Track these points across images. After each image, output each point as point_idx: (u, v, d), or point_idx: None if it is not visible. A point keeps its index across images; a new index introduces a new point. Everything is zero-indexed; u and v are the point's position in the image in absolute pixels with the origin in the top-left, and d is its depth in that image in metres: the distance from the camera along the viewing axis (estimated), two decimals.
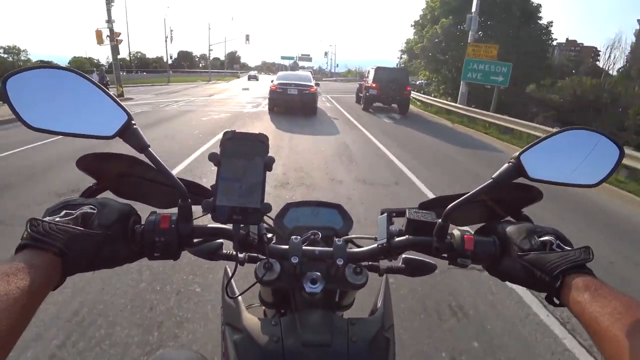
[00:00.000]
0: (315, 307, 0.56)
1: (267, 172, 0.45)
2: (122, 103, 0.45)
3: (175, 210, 0.48)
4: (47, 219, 0.40)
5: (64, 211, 0.43)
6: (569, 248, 0.43)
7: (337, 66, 75.98)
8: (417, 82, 28.30)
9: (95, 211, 0.44)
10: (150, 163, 0.46)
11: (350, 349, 0.51)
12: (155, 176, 0.54)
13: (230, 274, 0.65)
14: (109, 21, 14.96)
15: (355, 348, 0.51)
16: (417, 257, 0.58)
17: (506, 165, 0.47)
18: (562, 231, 0.46)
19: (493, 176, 0.47)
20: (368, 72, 14.12)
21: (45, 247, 0.37)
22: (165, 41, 29.19)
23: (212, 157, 0.45)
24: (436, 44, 18.41)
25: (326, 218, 0.73)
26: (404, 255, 0.58)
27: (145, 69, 48.55)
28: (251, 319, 0.55)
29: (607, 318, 0.33)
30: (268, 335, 0.51)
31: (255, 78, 44.41)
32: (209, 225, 0.50)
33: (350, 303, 0.70)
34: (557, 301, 0.40)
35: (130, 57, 49.24)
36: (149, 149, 0.45)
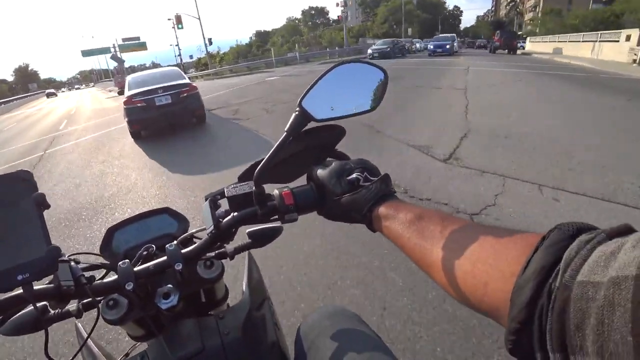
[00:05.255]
0: (184, 319, 0.56)
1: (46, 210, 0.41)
2: None
3: None
4: None
5: None
6: (374, 179, 0.48)
7: (211, 44, 37.53)
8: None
9: None
10: None
11: (225, 344, 0.53)
12: None
13: (82, 331, 0.65)
14: None
15: (229, 341, 0.53)
16: (259, 227, 0.58)
17: (293, 115, 0.49)
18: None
19: (285, 129, 0.48)
20: (497, 33, 26.13)
21: None
22: None
23: None
24: None
25: (158, 226, 0.68)
26: (248, 230, 0.59)
27: None
28: None
29: (405, 230, 0.41)
30: None
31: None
32: (2, 298, 0.42)
33: (224, 295, 0.70)
34: (374, 229, 0.47)
35: None
36: None
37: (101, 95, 31.30)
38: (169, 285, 0.52)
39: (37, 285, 0.42)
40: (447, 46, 23.62)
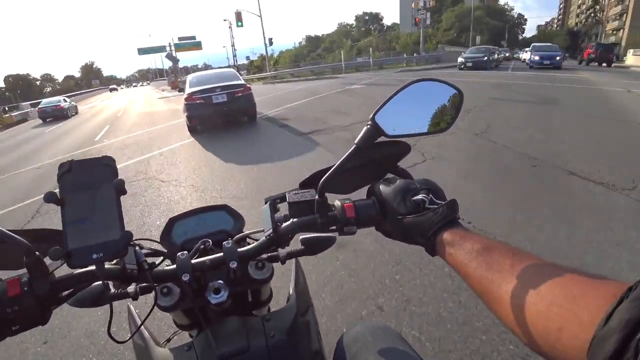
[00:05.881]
0: (230, 316, 0.56)
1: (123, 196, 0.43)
2: None
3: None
4: None
5: None
6: (440, 202, 0.46)
7: (271, 44, 33.54)
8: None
9: None
10: None
11: (269, 346, 0.53)
12: None
13: (134, 314, 0.66)
14: None
15: (274, 343, 0.53)
16: (314, 235, 0.57)
17: (365, 128, 0.49)
18: None
19: (355, 141, 0.49)
20: (592, 45, 24.22)
21: None
22: None
23: (50, 198, 0.40)
24: None
25: (215, 222, 0.69)
26: (301, 237, 0.57)
27: None
28: (163, 353, 0.54)
29: (472, 260, 0.38)
30: None
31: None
32: (76, 272, 0.45)
33: (269, 297, 0.70)
34: (434, 254, 0.45)
35: None
36: None
37: (154, 94, 29.85)
38: (220, 281, 0.52)
39: (106, 265, 0.44)
40: (558, 57, 18.76)
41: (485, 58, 19.16)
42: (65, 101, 19.87)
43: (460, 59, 19.91)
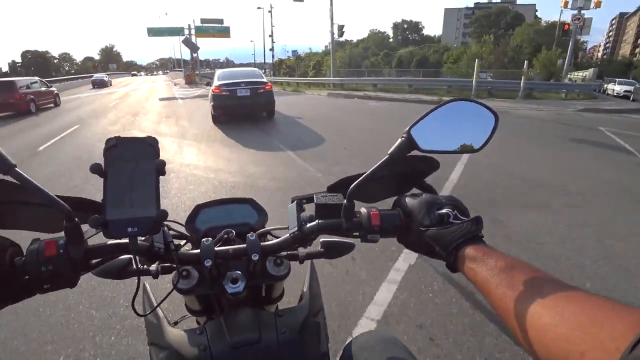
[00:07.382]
0: (242, 307, 0.57)
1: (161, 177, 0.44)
2: None
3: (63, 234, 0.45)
4: None
5: None
6: (465, 218, 0.47)
7: (341, 35, 24.05)
8: None
9: None
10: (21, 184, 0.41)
11: (280, 341, 0.53)
12: (35, 199, 0.49)
13: (149, 292, 0.65)
14: None
15: (284, 339, 0.53)
16: (334, 239, 0.59)
17: (399, 140, 0.49)
18: None
19: (388, 152, 0.49)
20: None
21: None
22: None
23: (95, 169, 0.41)
24: None
25: (240, 214, 0.71)
26: (322, 239, 0.59)
27: None
28: (176, 333, 0.54)
29: (494, 277, 0.38)
30: (195, 346, 0.51)
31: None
32: (108, 243, 0.47)
33: (281, 295, 0.71)
34: (455, 268, 0.46)
35: None
36: (16, 168, 0.41)
37: (159, 91, 22.19)
38: (239, 272, 0.53)
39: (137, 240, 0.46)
40: None
41: None
42: (107, 77, 33.38)
43: None
